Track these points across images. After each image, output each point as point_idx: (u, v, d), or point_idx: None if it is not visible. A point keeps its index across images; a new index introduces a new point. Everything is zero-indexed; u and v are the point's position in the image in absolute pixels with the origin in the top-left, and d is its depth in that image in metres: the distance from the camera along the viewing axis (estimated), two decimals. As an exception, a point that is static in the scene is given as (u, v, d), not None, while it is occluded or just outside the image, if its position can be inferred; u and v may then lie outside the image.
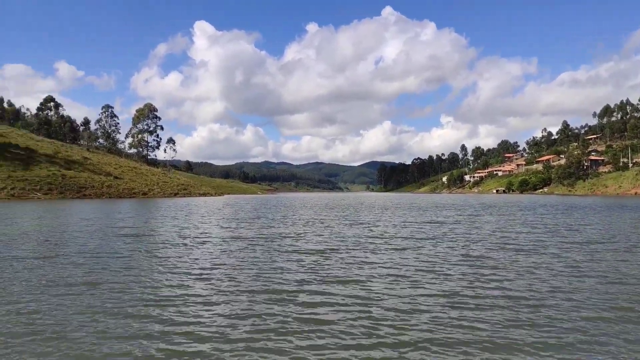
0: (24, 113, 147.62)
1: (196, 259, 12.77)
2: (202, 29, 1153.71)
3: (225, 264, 11.87)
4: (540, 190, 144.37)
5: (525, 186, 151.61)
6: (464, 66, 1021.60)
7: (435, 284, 9.60)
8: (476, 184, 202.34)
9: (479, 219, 27.91)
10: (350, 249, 14.63)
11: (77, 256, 12.97)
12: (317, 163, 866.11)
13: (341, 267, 11.46)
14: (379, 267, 11.53)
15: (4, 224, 22.98)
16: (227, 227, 22.69)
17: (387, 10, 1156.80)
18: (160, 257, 12.92)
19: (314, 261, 12.37)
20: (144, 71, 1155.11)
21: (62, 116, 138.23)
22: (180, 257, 13.07)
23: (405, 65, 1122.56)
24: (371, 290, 9.08)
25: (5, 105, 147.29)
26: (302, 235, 19.00)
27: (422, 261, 12.31)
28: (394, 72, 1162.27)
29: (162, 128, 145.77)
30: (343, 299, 8.38)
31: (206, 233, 19.74)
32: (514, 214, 32.68)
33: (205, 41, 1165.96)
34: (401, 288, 9.24)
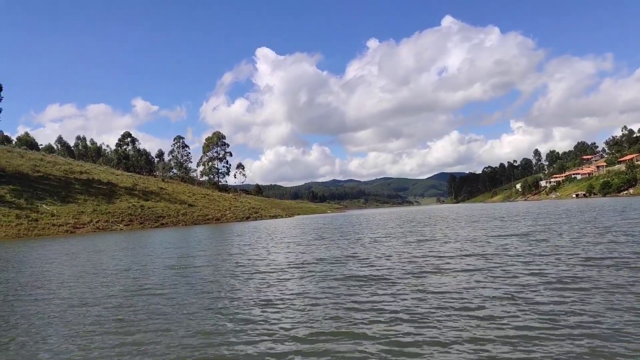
0: (105, 150, 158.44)
1: (261, 289, 12.62)
2: (264, 55, 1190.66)
3: (285, 294, 11.56)
4: (625, 191, 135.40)
5: (608, 188, 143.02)
6: (533, 69, 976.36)
7: (518, 317, 8.48)
8: (553, 189, 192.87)
9: (564, 229, 25.45)
10: (413, 274, 13.69)
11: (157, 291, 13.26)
12: (385, 178, 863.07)
13: (402, 298, 10.57)
14: (445, 295, 10.51)
15: (82, 258, 24.23)
16: (292, 251, 22.52)
17: (448, 20, 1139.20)
18: (229, 289, 12.91)
19: (371, 287, 11.63)
20: (212, 100, 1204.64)
21: (139, 150, 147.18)
22: (247, 288, 12.98)
23: (470, 73, 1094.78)
24: (437, 329, 8.13)
25: (88, 143, 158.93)
26: (362, 257, 18.35)
27: (498, 284, 11.16)
28: (458, 81, 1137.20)
29: (230, 154, 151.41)
30: (399, 342, 7.71)
31: (273, 260, 19.69)
32: (602, 220, 30.07)
33: (268, 66, 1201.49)
34: (475, 327, 8.17)
